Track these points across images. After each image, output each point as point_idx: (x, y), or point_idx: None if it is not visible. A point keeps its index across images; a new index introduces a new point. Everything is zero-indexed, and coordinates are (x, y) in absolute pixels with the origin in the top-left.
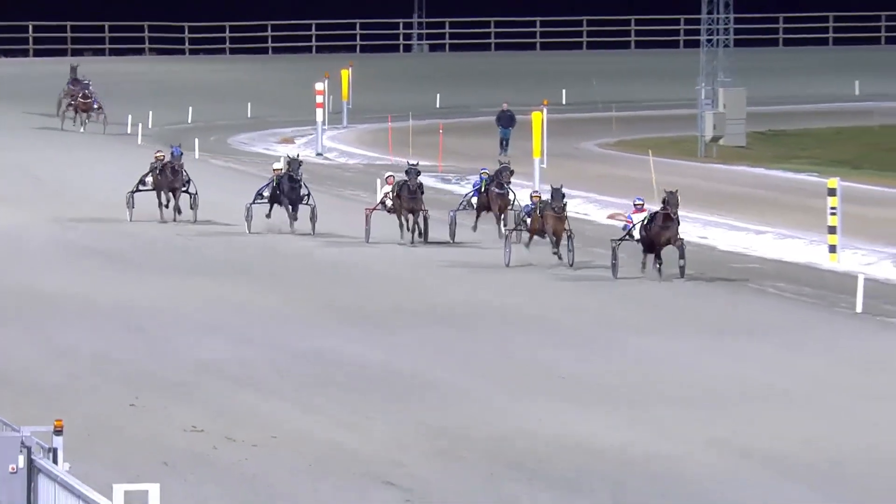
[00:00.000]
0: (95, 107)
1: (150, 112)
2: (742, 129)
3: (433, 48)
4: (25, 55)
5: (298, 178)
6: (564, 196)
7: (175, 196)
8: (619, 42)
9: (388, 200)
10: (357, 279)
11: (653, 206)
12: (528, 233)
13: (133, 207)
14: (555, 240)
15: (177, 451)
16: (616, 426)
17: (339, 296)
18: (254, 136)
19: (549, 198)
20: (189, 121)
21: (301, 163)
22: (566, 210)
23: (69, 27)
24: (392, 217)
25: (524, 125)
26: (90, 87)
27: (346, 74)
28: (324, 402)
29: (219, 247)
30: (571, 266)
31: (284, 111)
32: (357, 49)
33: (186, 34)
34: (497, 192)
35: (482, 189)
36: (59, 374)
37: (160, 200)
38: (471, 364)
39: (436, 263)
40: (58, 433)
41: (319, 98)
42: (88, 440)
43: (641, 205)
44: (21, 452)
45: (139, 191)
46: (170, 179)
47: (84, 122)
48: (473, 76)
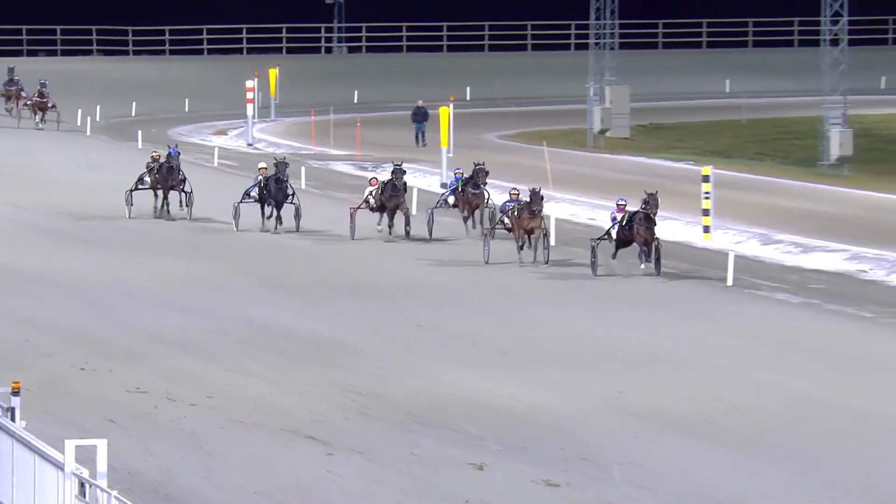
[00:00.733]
0: (50, 105)
1: (98, 106)
2: (626, 123)
3: (351, 50)
4: None
5: (285, 179)
6: (543, 198)
7: (167, 193)
8: (517, 45)
9: (372, 199)
10: (290, 257)
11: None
12: (508, 231)
13: (132, 205)
14: (525, 238)
15: (122, 410)
16: (515, 386)
17: (272, 271)
18: (191, 128)
19: (528, 199)
20: (133, 114)
21: (287, 164)
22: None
23: (24, 30)
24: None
25: (435, 119)
26: (45, 88)
27: (274, 73)
28: (254, 366)
29: (172, 229)
30: (546, 263)
31: (218, 106)
32: (283, 50)
33: (130, 37)
34: (472, 192)
35: (458, 189)
36: (16, 341)
37: (158, 197)
38: (386, 331)
39: (370, 244)
40: (15, 394)
41: (250, 94)
42: (42, 400)
43: (624, 205)
44: None
45: (138, 189)
46: (166, 178)
47: (42, 119)
48: (387, 75)
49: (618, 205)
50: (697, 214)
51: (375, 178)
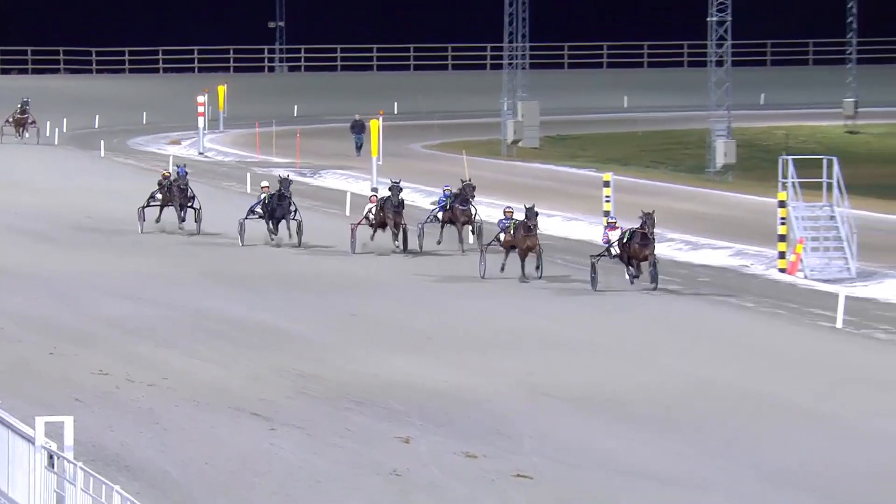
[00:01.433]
0: (30, 122)
1: (65, 119)
2: (536, 134)
3: (291, 69)
4: None
5: (288, 196)
6: (538, 215)
7: (182, 211)
8: (439, 64)
9: (371, 216)
10: (241, 255)
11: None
12: (503, 247)
13: (144, 221)
14: (524, 254)
15: (87, 390)
16: (437, 368)
17: (224, 268)
18: (148, 139)
19: (524, 216)
20: (96, 126)
21: (291, 182)
22: (538, 227)
23: None
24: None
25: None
26: (28, 106)
27: (222, 90)
28: (205, 350)
29: (134, 231)
30: (541, 278)
31: (173, 119)
32: (231, 69)
33: (94, 56)
34: (461, 208)
35: (447, 205)
36: None
37: (161, 213)
38: (323, 320)
39: (327, 249)
40: None
41: (201, 108)
42: (14, 381)
43: (615, 223)
44: None
45: (149, 206)
46: (177, 196)
47: (21, 135)
48: (323, 91)
49: (609, 224)
50: (599, 215)
51: (375, 196)
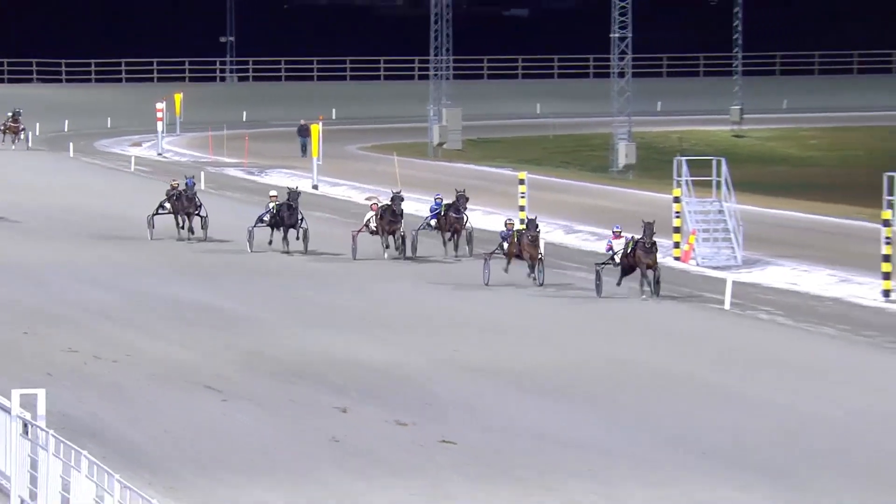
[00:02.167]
0: (21, 128)
1: (38, 124)
2: (459, 138)
3: (241, 79)
4: None
5: (296, 206)
6: (538, 226)
7: (190, 219)
8: (373, 75)
9: (373, 224)
10: (207, 247)
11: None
12: (506, 256)
13: (153, 228)
14: (530, 263)
15: (58, 366)
16: (372, 346)
17: (185, 258)
18: (112, 141)
19: (525, 227)
20: (65, 130)
21: (300, 193)
22: (540, 237)
23: None
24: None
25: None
26: (20, 115)
27: (179, 97)
28: (165, 331)
29: (103, 221)
30: (542, 285)
31: (134, 123)
32: (186, 79)
33: (63, 67)
34: (454, 217)
35: (441, 213)
36: None
37: (178, 222)
38: (272, 304)
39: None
40: None
41: (159, 114)
42: None
43: (619, 232)
44: None
45: (159, 214)
46: (185, 205)
47: (13, 141)
48: (270, 99)
49: (613, 232)
50: (516, 210)
51: (376, 204)
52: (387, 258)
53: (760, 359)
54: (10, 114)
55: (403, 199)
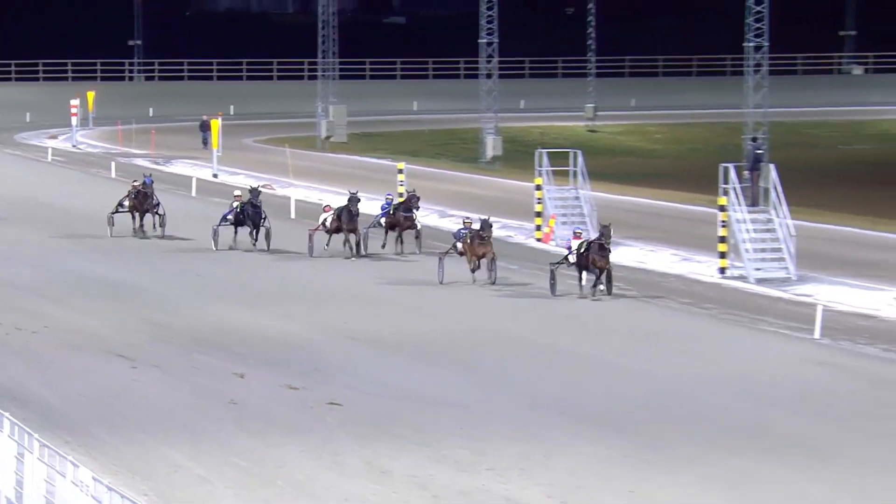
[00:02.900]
0: None
1: None
2: (344, 132)
3: (147, 78)
4: None
5: (258, 205)
6: (492, 226)
7: (143, 216)
8: (266, 75)
9: (328, 223)
10: (126, 231)
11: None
12: (460, 255)
13: (113, 225)
14: (483, 262)
15: None
16: (268, 318)
17: (101, 241)
18: (31, 134)
19: (479, 227)
20: None
21: (260, 192)
22: (492, 237)
23: None
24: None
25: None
26: None
27: (91, 95)
28: (80, 303)
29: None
30: (494, 283)
31: (51, 118)
32: (98, 78)
33: None
34: (404, 215)
35: (391, 212)
36: None
37: (134, 219)
38: (177, 280)
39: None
40: None
41: (74, 110)
42: None
43: (580, 233)
44: None
45: (118, 212)
46: (142, 203)
47: None
48: (173, 96)
49: (574, 233)
50: (395, 196)
51: (329, 206)
52: (351, 259)
53: (613, 329)
54: None
55: (360, 201)
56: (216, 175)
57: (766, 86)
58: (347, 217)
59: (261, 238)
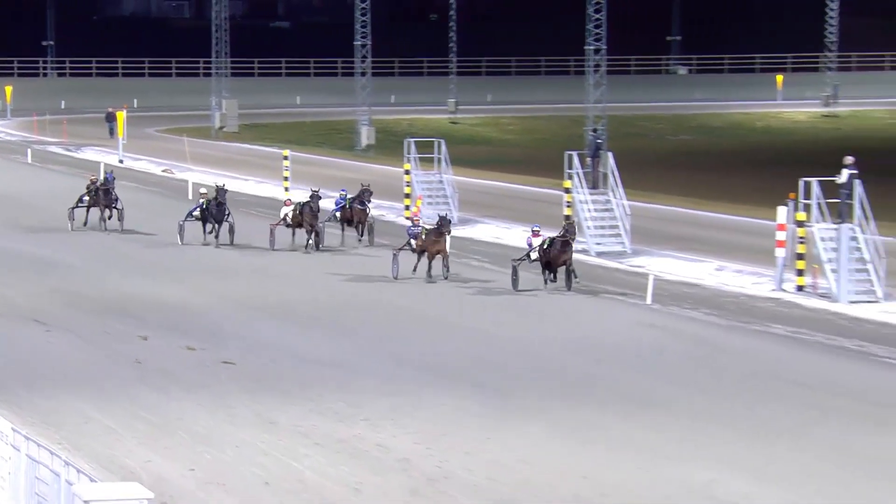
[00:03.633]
0: None
1: None
2: (236, 123)
3: (59, 74)
4: None
5: (223, 202)
6: (450, 222)
7: (105, 211)
8: (165, 73)
9: (289, 218)
10: (27, 210)
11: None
12: (414, 252)
13: (73, 220)
14: (438, 257)
15: None
16: (172, 288)
17: (34, 223)
18: None
19: (436, 224)
20: None
21: (227, 190)
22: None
23: None
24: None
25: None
26: None
27: (9, 89)
28: (2, 277)
29: None
30: (447, 278)
31: None
32: (15, 74)
33: None
34: (359, 208)
35: (346, 205)
36: None
37: (99, 214)
38: (90, 254)
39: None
40: None
41: None
42: None
43: (538, 231)
44: None
45: (78, 207)
46: (102, 198)
47: None
48: (83, 91)
49: (533, 231)
50: (280, 179)
51: (290, 200)
52: (308, 251)
53: (474, 299)
54: None
55: (321, 198)
56: (122, 160)
57: (605, 84)
58: (309, 213)
59: (225, 233)
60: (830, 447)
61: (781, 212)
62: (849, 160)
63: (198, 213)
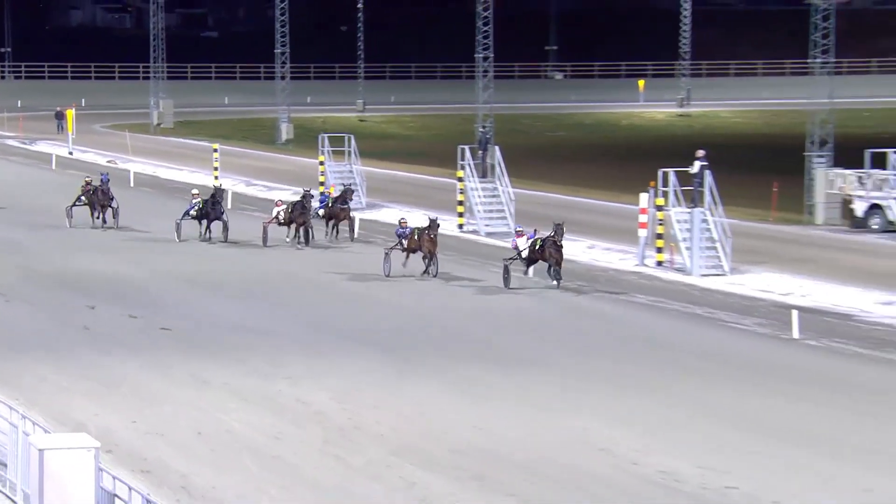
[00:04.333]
0: None
1: None
2: (171, 120)
3: (16, 77)
4: None
5: (220, 202)
6: (439, 226)
7: (104, 211)
8: (109, 76)
9: (281, 217)
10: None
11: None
12: (404, 252)
13: (72, 217)
14: (428, 257)
15: None
16: (119, 265)
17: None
18: None
19: (427, 225)
20: None
21: (224, 190)
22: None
23: None
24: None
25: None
26: None
27: None
28: None
29: None
30: (435, 276)
31: None
32: None
33: None
34: (340, 207)
35: (329, 204)
36: None
37: (93, 214)
38: (46, 237)
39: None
40: None
41: None
42: None
43: (521, 231)
44: None
45: (76, 206)
46: (100, 199)
47: None
48: (37, 91)
49: (516, 231)
50: (210, 168)
51: (281, 201)
52: (299, 247)
53: (386, 275)
54: None
55: (313, 197)
56: (71, 153)
57: (492, 87)
58: (300, 210)
59: (218, 230)
60: (685, 399)
61: (643, 197)
62: (700, 153)
63: (194, 213)
